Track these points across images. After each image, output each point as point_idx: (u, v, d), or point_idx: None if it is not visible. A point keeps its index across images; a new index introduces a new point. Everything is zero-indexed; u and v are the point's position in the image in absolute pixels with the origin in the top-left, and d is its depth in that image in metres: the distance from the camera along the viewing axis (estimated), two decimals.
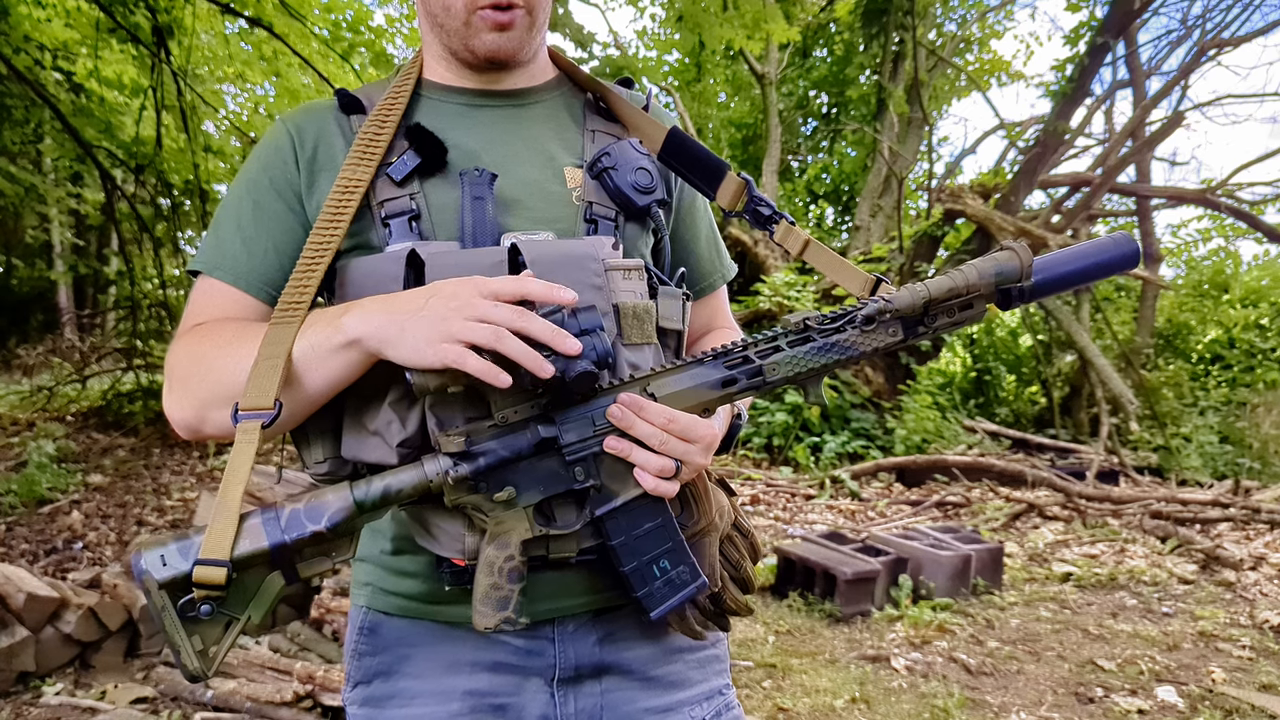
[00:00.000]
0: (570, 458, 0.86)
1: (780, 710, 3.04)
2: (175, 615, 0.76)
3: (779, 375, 0.89)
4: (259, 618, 0.80)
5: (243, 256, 0.95)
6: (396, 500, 0.83)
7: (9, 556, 4.12)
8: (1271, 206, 10.97)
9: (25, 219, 12.63)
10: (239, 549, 0.77)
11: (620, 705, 1.00)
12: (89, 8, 6.14)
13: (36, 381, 8.22)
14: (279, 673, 2.91)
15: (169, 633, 0.77)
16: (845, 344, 0.90)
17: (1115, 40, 8.86)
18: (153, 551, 0.77)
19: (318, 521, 0.80)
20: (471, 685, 0.96)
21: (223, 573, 0.75)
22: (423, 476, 0.83)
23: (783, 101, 13.54)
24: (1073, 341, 8.70)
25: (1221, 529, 5.71)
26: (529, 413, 0.85)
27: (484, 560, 0.84)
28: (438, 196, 0.94)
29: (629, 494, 0.87)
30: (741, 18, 5.95)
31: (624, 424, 0.85)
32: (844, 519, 6.07)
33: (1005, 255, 0.90)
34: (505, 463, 0.84)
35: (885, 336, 0.90)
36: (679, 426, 0.86)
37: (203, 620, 0.77)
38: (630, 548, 0.88)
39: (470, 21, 0.97)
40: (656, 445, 0.85)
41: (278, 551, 0.79)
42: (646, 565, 0.89)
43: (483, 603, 0.83)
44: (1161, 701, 3.15)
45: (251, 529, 0.79)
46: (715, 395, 0.89)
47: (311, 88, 7.37)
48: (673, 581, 0.90)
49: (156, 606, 0.76)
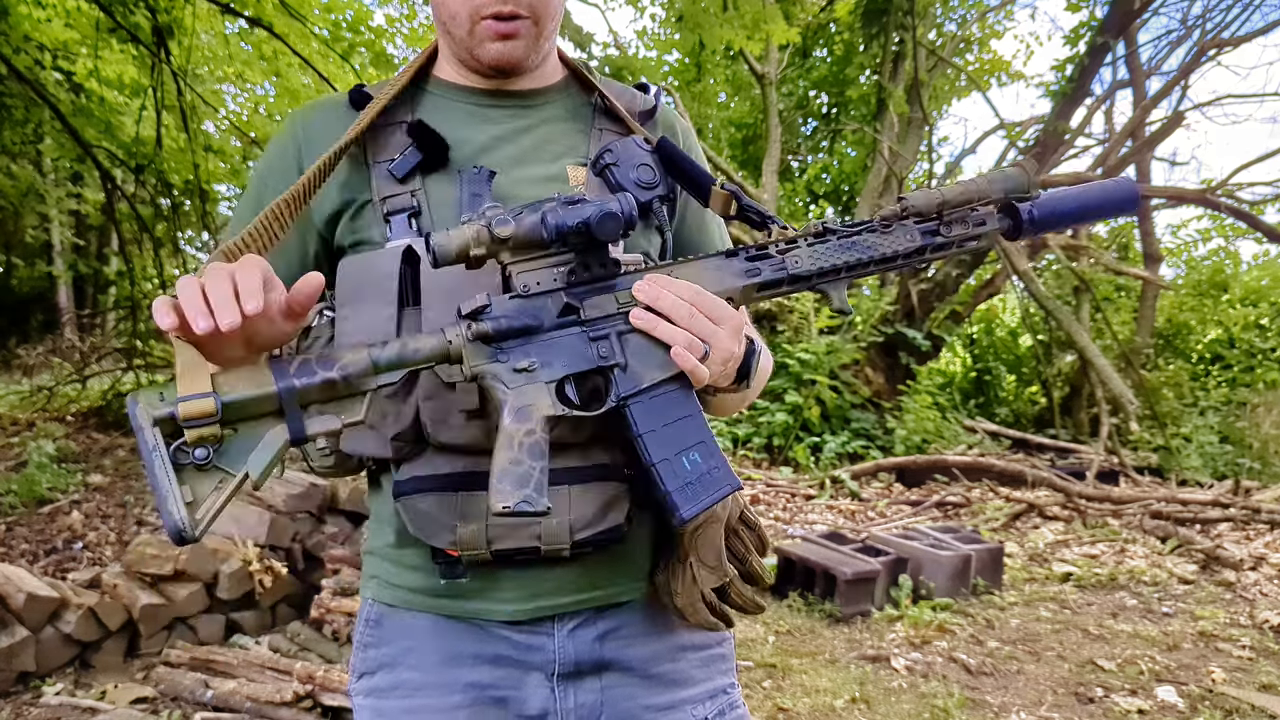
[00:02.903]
0: (594, 334, 0.84)
1: (780, 710, 3.04)
2: (166, 456, 0.71)
3: (801, 268, 0.89)
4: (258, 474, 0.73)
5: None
6: (413, 363, 0.80)
7: (9, 556, 4.12)
8: (1271, 206, 10.95)
9: (25, 219, 12.62)
10: (241, 390, 0.73)
11: (621, 702, 1.00)
12: (89, 8, 6.14)
13: (36, 381, 8.21)
14: (279, 673, 2.91)
15: (158, 478, 0.70)
16: (865, 244, 0.91)
17: (1115, 40, 8.86)
18: (151, 390, 0.73)
19: (329, 369, 0.76)
20: (473, 678, 0.97)
21: (210, 403, 0.70)
22: (441, 340, 0.81)
23: (783, 101, 13.53)
24: (1073, 341, 8.70)
25: (1221, 529, 5.71)
26: (552, 285, 0.84)
27: (503, 434, 0.81)
28: (438, 193, 0.95)
29: (656, 376, 0.85)
30: (741, 18, 5.95)
31: (649, 296, 0.84)
32: (844, 519, 6.07)
33: (1014, 170, 0.92)
34: (526, 330, 0.82)
35: (904, 240, 0.91)
36: (706, 303, 0.84)
37: (198, 469, 0.72)
38: (658, 438, 0.84)
39: (475, 30, 0.98)
40: (683, 319, 0.83)
41: (286, 394, 0.74)
42: (676, 458, 0.84)
43: (500, 479, 0.79)
44: (1161, 701, 3.15)
45: (255, 374, 0.74)
46: (739, 285, 0.88)
47: (311, 88, 7.36)
48: (705, 478, 0.84)
49: (149, 445, 0.70)
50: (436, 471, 0.90)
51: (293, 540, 3.79)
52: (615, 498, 0.92)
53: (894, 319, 9.01)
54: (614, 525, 0.91)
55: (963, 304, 9.61)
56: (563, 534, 0.89)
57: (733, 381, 0.91)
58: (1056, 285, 11.00)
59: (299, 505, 3.89)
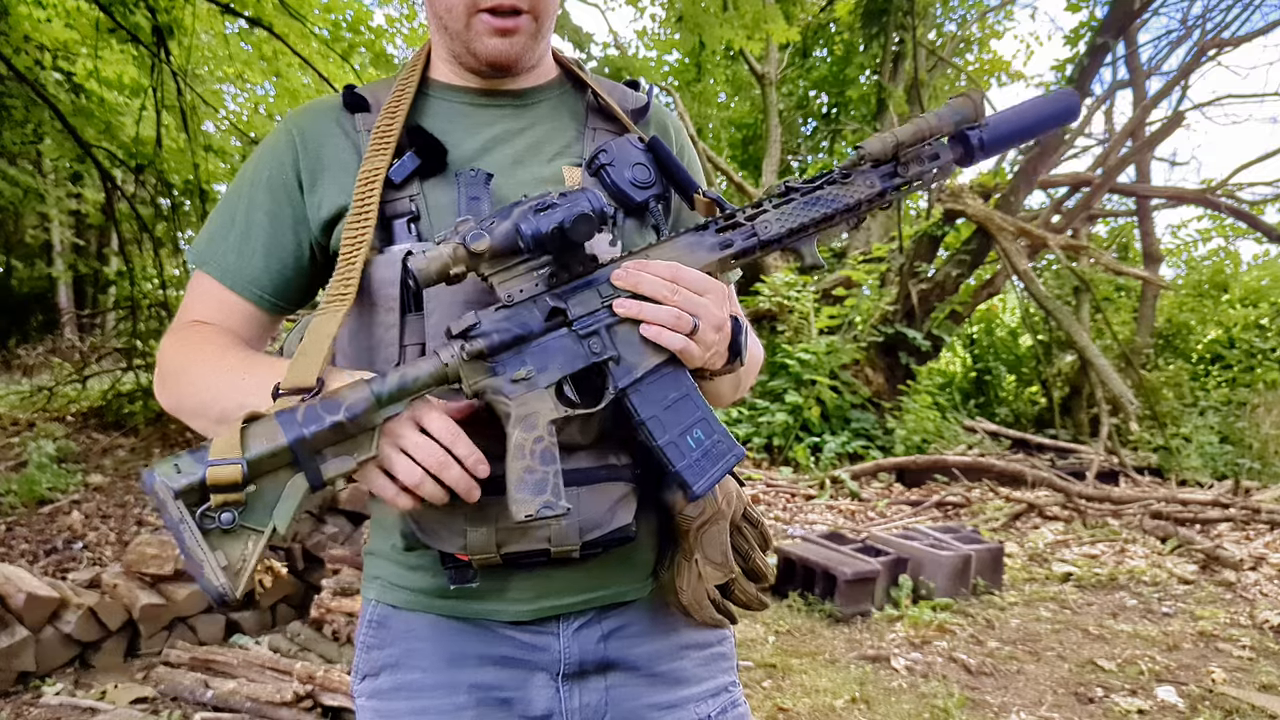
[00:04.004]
0: (583, 331, 0.85)
1: (780, 710, 3.04)
2: (195, 526, 0.72)
3: (771, 232, 0.91)
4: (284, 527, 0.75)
5: (232, 255, 0.99)
6: (414, 390, 0.81)
7: (9, 556, 4.12)
8: (1271, 206, 10.97)
9: (25, 219, 12.63)
10: (256, 448, 0.74)
11: (625, 701, 1.00)
12: (89, 8, 6.14)
13: (36, 381, 8.21)
14: (279, 673, 2.91)
15: (190, 549, 0.72)
16: (828, 198, 0.93)
17: (1115, 40, 8.86)
18: (165, 463, 0.73)
19: (335, 412, 0.77)
20: (477, 679, 0.97)
21: (238, 470, 0.72)
22: (438, 364, 0.82)
23: (783, 101, 13.53)
24: (1073, 341, 8.69)
25: (1221, 529, 5.71)
26: (534, 290, 0.85)
27: (513, 445, 0.82)
28: (436, 197, 0.95)
29: (649, 362, 0.86)
30: (741, 18, 5.95)
31: (629, 282, 0.85)
32: (844, 519, 6.07)
33: (960, 101, 0.95)
34: (518, 340, 0.83)
35: (864, 188, 0.93)
36: (686, 277, 0.86)
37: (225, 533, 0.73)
38: (660, 421, 0.86)
39: (471, 24, 0.97)
40: (666, 297, 0.84)
41: (297, 446, 0.75)
42: (680, 437, 0.86)
43: (518, 489, 0.81)
44: (1161, 701, 3.15)
45: (266, 429, 0.75)
46: (714, 258, 0.90)
47: (311, 88, 7.36)
48: (710, 452, 0.87)
49: (174, 519, 0.72)
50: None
51: (293, 540, 3.79)
52: (623, 498, 0.92)
53: (894, 319, 9.01)
54: (623, 525, 0.91)
55: (963, 304, 9.61)
56: (572, 535, 0.89)
57: (725, 361, 0.93)
58: (1056, 285, 11.01)
59: None
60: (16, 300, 13.20)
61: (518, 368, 0.83)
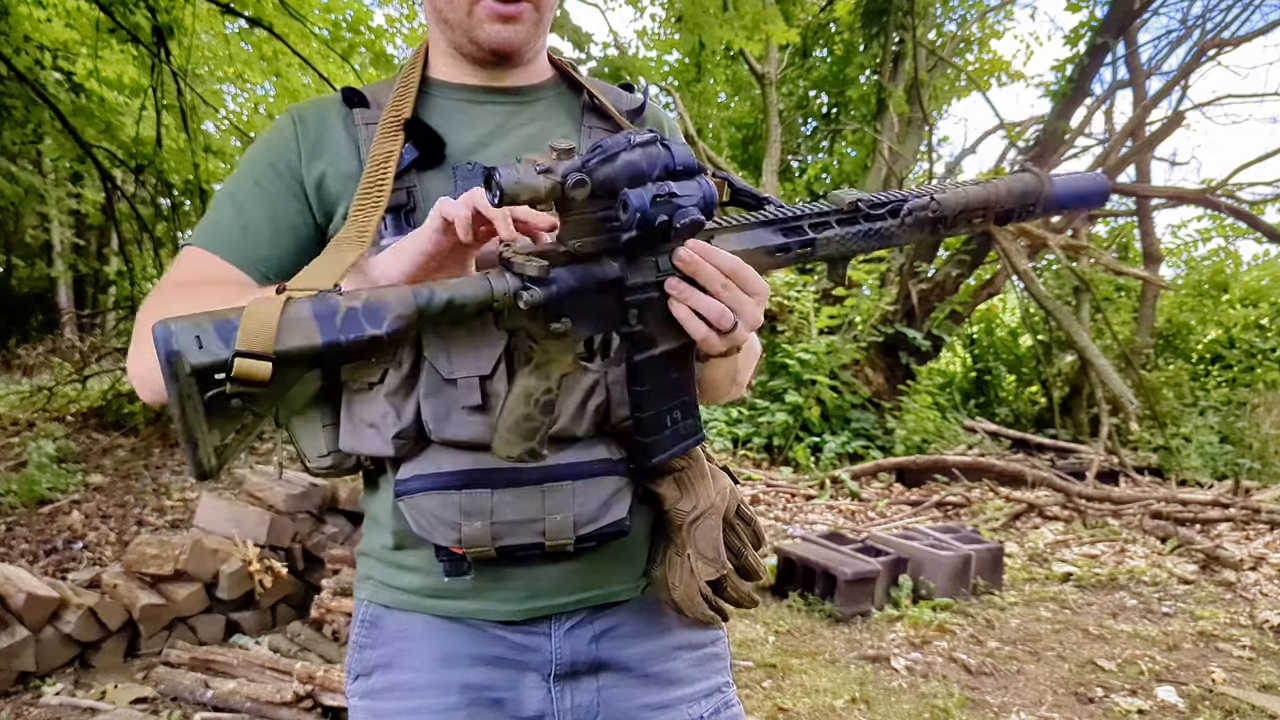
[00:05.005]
0: (629, 300, 0.85)
1: (780, 710, 3.04)
2: (201, 405, 0.67)
3: (821, 253, 0.92)
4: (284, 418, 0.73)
5: (237, 234, 0.96)
6: (459, 313, 0.77)
7: (9, 556, 4.12)
8: (1271, 206, 10.95)
9: (25, 219, 12.63)
10: (288, 342, 0.68)
11: (617, 701, 1.00)
12: (89, 8, 6.14)
13: (36, 381, 8.22)
14: (279, 673, 2.91)
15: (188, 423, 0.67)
16: (885, 231, 0.93)
17: (1115, 40, 8.86)
18: (186, 328, 0.66)
19: (378, 325, 0.72)
20: (469, 679, 0.97)
21: (268, 368, 0.67)
22: (487, 291, 0.78)
23: (783, 101, 13.53)
24: (1073, 341, 8.69)
25: (1221, 529, 5.71)
26: (598, 247, 0.83)
27: (522, 389, 0.82)
28: (432, 190, 0.95)
29: (671, 342, 0.87)
30: (741, 18, 5.95)
31: (690, 267, 0.83)
32: (844, 519, 6.07)
33: (1029, 178, 0.98)
34: (573, 293, 0.82)
35: (917, 232, 0.94)
36: (742, 276, 0.85)
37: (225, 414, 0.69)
38: (652, 395, 0.87)
39: (473, 11, 0.97)
40: (718, 291, 0.84)
41: (330, 351, 0.70)
42: (661, 415, 0.88)
43: (511, 431, 0.82)
44: (1161, 701, 3.15)
45: (301, 322, 0.69)
46: (765, 261, 0.90)
47: (311, 88, 7.36)
48: (679, 433, 0.90)
49: (181, 393, 0.66)
50: (440, 469, 0.89)
51: (293, 540, 3.79)
52: (618, 492, 0.92)
53: (894, 319, 9.01)
54: (617, 519, 0.91)
55: (963, 304, 9.62)
56: (566, 530, 0.89)
57: None
58: (1056, 285, 11.01)
59: (299, 505, 3.89)
60: (16, 300, 13.20)
61: (557, 319, 0.82)
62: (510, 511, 0.88)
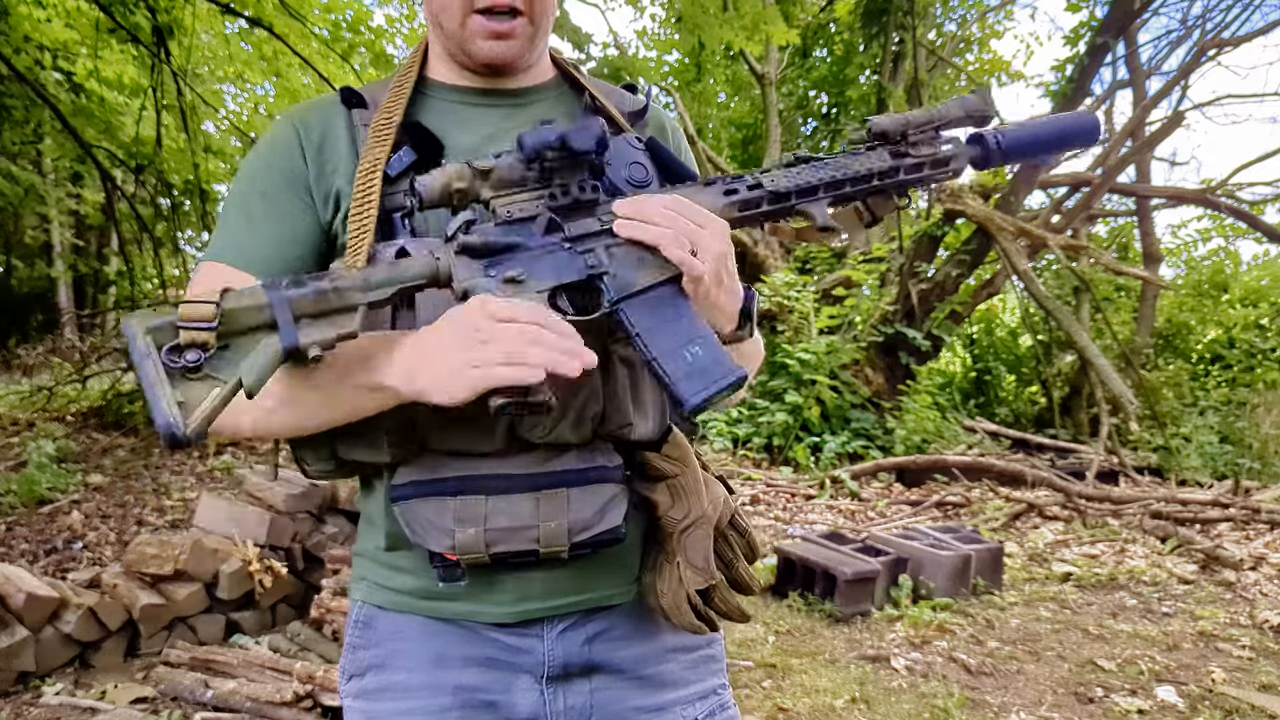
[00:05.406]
0: (580, 249, 0.86)
1: (780, 710, 3.04)
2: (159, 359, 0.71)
3: (779, 185, 0.92)
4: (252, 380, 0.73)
5: (251, 244, 0.96)
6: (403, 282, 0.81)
7: (9, 556, 4.12)
8: (1271, 206, 10.97)
9: (25, 219, 12.63)
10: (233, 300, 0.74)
11: (610, 704, 1.00)
12: (89, 8, 6.14)
13: (36, 381, 8.21)
14: (279, 673, 2.91)
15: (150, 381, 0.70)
16: (837, 164, 0.94)
17: (1115, 40, 8.86)
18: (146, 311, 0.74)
19: (321, 279, 0.78)
20: (462, 680, 0.97)
21: (210, 308, 0.72)
22: (430, 261, 0.83)
23: (783, 101, 13.53)
24: (1073, 341, 8.69)
25: (1221, 529, 5.71)
26: (533, 210, 0.86)
27: None
28: None
29: (647, 280, 0.85)
30: (741, 19, 5.95)
31: (627, 208, 0.85)
32: (844, 519, 6.07)
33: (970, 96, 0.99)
34: (511, 247, 0.84)
35: (873, 161, 0.94)
36: (689, 209, 0.85)
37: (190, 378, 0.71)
38: (654, 333, 0.83)
39: (466, 25, 0.96)
40: (667, 221, 0.84)
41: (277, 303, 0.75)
42: (677, 350, 0.83)
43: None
44: (1161, 701, 3.16)
45: (248, 291, 0.76)
46: (718, 204, 0.90)
47: (311, 88, 7.36)
48: (709, 370, 0.82)
49: (141, 352, 0.70)
50: (434, 476, 0.89)
51: (293, 540, 3.79)
52: (613, 499, 0.92)
53: (894, 319, 9.01)
54: (612, 526, 0.91)
55: (963, 304, 9.61)
56: (561, 537, 0.89)
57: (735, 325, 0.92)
58: (1056, 285, 11.01)
59: (299, 505, 3.89)
60: (16, 300, 13.20)
61: (511, 269, 0.84)
62: (504, 518, 0.88)
